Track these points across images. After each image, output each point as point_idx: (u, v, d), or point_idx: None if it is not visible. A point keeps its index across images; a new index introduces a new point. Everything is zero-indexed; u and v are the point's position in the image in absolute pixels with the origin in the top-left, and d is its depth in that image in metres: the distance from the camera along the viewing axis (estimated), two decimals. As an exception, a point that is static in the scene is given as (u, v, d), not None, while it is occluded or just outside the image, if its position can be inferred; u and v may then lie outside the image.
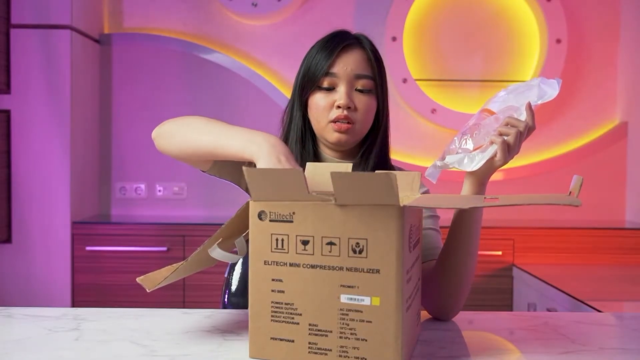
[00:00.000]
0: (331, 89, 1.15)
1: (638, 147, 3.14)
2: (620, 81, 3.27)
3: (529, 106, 0.98)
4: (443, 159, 1.03)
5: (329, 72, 1.14)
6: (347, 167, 1.00)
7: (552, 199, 0.77)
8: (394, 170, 1.25)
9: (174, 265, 1.02)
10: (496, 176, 3.19)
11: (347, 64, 1.15)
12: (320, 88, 1.16)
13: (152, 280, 0.91)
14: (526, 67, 3.26)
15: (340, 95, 1.14)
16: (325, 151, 1.23)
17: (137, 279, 0.91)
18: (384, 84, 1.20)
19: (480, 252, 3.14)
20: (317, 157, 1.22)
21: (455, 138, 1.05)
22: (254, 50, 3.25)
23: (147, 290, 0.90)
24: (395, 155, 3.13)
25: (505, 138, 0.97)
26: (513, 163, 3.22)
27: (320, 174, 0.96)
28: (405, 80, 3.16)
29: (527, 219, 3.11)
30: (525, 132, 0.98)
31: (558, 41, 3.15)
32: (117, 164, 3.19)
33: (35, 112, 2.80)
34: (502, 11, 3.25)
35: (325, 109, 1.15)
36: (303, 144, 1.21)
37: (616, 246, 2.82)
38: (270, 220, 0.80)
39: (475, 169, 0.98)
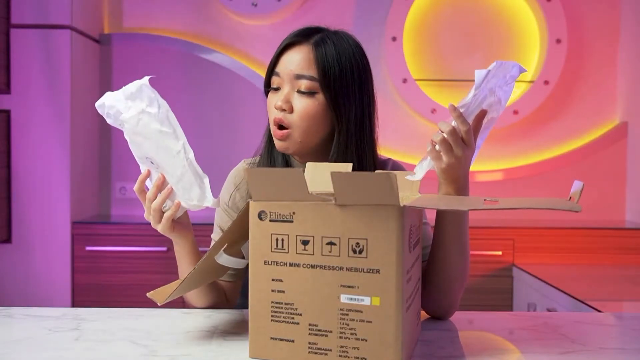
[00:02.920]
0: (278, 89, 1.12)
1: (638, 147, 3.14)
2: (620, 81, 3.27)
3: (453, 108, 0.95)
4: None
5: (275, 71, 1.12)
6: (347, 167, 1.00)
7: (553, 204, 0.77)
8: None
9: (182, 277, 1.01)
10: (496, 176, 3.21)
11: (289, 64, 1.09)
12: (270, 88, 1.13)
13: (162, 294, 0.91)
14: (526, 67, 3.24)
15: (279, 96, 1.10)
16: (293, 162, 1.19)
17: (148, 294, 0.92)
18: (337, 85, 1.08)
19: (480, 252, 3.13)
20: (286, 163, 1.18)
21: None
22: (254, 50, 3.25)
23: (159, 304, 0.90)
24: (395, 155, 3.13)
25: (436, 147, 0.96)
26: (513, 163, 3.25)
27: (320, 174, 0.96)
28: (405, 80, 3.16)
29: (527, 219, 3.10)
30: (453, 135, 0.94)
31: (558, 41, 3.15)
32: (117, 164, 3.19)
33: (35, 112, 2.80)
34: (502, 11, 3.25)
35: (271, 112, 1.12)
36: (270, 147, 1.17)
37: (616, 246, 2.82)
38: (271, 220, 0.80)
39: (419, 178, 0.97)
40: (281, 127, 1.10)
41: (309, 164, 0.99)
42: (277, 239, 0.79)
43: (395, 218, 0.74)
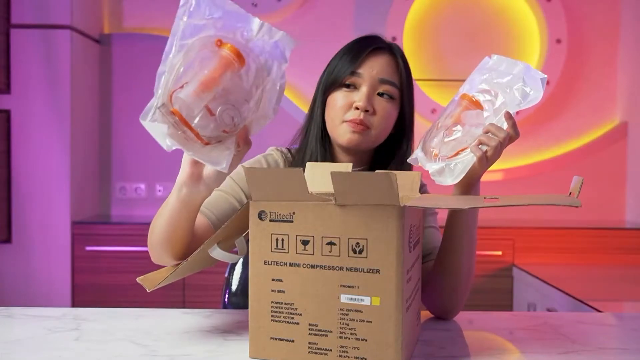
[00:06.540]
0: (353, 88, 1.13)
1: (638, 147, 3.14)
2: (620, 81, 3.27)
3: (509, 116, 0.95)
4: (423, 149, 1.03)
5: (355, 71, 1.12)
6: (347, 167, 1.00)
7: (552, 200, 0.77)
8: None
9: (174, 265, 1.02)
10: (496, 176, 3.21)
11: (374, 67, 1.12)
12: (342, 86, 1.13)
13: (152, 280, 0.91)
14: (526, 67, 3.26)
15: (360, 96, 1.11)
16: (338, 156, 1.19)
17: (137, 279, 0.91)
18: (410, 95, 1.17)
19: (480, 252, 3.14)
20: (333, 160, 1.19)
21: (435, 138, 1.02)
22: (254, 50, 3.25)
23: (147, 290, 0.90)
24: (395, 155, 3.13)
25: (484, 148, 0.94)
26: (513, 163, 3.25)
27: (320, 174, 0.96)
28: (405, 80, 3.16)
29: (527, 219, 3.10)
30: (506, 142, 0.95)
31: (558, 41, 3.15)
32: (117, 164, 3.19)
33: (35, 112, 2.80)
34: (502, 11, 3.25)
35: (342, 108, 1.12)
36: (323, 143, 1.18)
37: (616, 246, 2.82)
38: (271, 220, 0.80)
39: (454, 182, 0.96)
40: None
41: (309, 164, 0.99)
42: (277, 239, 0.79)
43: (395, 218, 0.74)
